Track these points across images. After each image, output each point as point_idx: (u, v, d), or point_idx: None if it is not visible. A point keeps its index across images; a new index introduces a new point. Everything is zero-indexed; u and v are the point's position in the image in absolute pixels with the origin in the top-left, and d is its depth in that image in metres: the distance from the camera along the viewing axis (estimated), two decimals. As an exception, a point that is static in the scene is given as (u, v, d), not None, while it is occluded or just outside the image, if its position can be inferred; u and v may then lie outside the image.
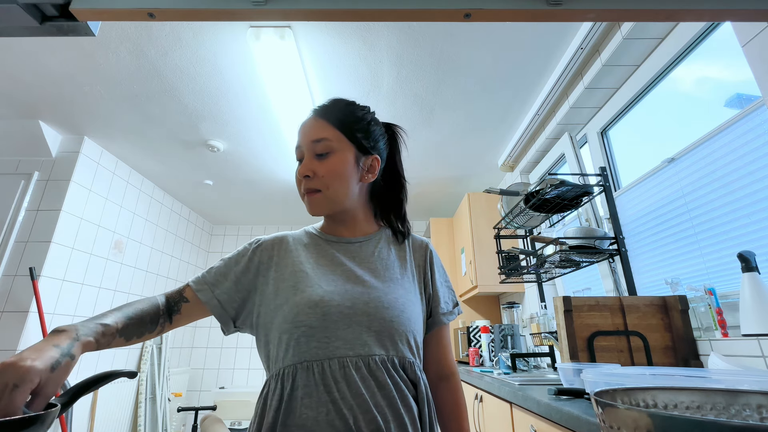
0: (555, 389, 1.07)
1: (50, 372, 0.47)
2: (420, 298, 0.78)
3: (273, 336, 0.69)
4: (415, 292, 0.77)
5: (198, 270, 4.20)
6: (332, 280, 0.72)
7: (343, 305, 0.68)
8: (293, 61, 1.85)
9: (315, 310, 0.66)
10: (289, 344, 0.66)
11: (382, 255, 0.79)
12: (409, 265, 0.80)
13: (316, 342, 0.65)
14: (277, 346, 0.68)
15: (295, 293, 0.69)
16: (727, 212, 1.28)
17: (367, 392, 0.63)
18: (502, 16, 0.58)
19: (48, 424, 0.45)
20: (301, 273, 0.72)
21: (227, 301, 0.73)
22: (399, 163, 0.90)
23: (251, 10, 0.58)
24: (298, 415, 0.62)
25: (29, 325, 2.19)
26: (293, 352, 0.66)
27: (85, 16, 0.58)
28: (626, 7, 0.58)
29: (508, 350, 2.22)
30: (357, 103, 0.81)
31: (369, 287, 0.71)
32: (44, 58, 1.90)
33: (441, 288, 0.83)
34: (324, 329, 0.66)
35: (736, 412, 0.41)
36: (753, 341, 1.07)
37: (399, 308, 0.70)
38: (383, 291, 0.72)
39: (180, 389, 3.67)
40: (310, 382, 0.64)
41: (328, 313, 0.66)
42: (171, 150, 2.77)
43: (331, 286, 0.70)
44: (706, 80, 1.43)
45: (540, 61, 1.92)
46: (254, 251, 0.78)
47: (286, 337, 0.67)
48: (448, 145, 2.72)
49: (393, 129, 0.89)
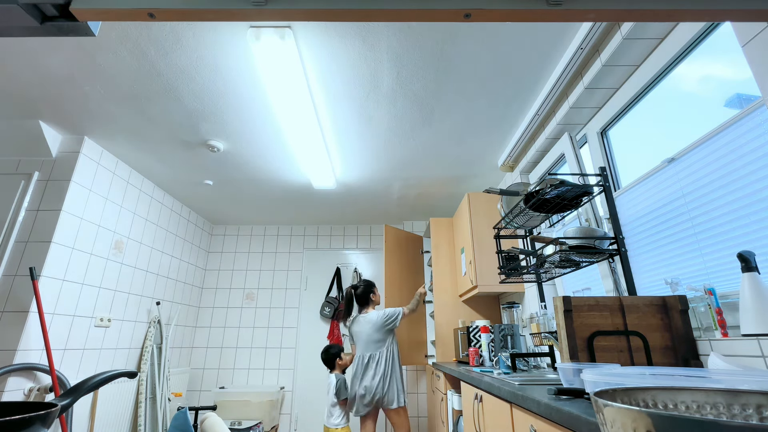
0: (555, 389, 1.07)
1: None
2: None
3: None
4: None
5: (198, 270, 4.20)
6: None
7: None
8: (293, 62, 1.85)
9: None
10: None
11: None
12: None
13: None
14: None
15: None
16: (727, 212, 1.28)
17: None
18: (502, 16, 0.58)
19: (48, 424, 0.45)
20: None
21: None
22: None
23: (251, 10, 0.58)
24: None
25: (29, 325, 2.19)
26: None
27: (85, 16, 0.58)
28: (626, 7, 0.58)
29: (508, 350, 2.22)
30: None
31: None
32: (44, 58, 1.90)
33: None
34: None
35: (737, 412, 0.41)
36: (753, 341, 1.07)
37: None
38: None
39: (180, 389, 3.67)
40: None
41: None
42: (171, 150, 2.77)
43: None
44: (708, 78, 1.43)
45: (540, 61, 1.92)
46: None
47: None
48: (448, 145, 2.72)
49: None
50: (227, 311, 4.25)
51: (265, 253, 4.48)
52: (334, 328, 4.15)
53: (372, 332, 2.81)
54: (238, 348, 4.13)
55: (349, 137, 2.61)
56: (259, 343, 4.14)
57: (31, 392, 2.17)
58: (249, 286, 4.34)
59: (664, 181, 1.55)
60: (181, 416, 2.83)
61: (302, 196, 3.65)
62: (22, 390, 2.15)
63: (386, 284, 3.55)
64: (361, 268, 4.41)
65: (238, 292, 4.32)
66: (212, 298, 4.30)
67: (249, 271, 4.40)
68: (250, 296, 4.31)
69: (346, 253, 4.48)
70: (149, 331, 3.24)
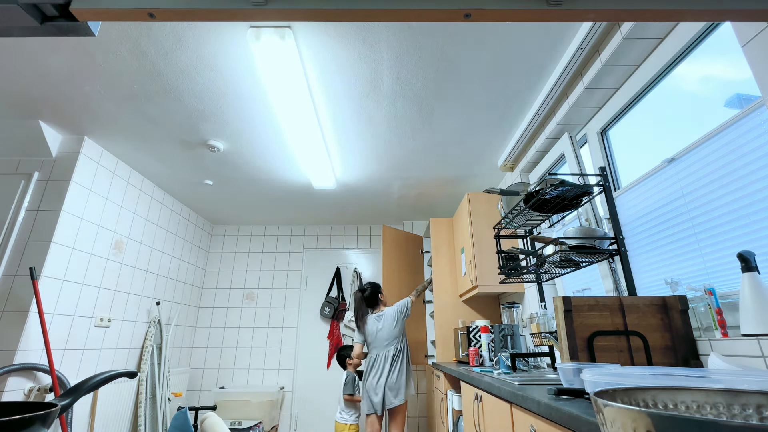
0: (555, 389, 1.07)
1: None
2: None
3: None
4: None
5: (198, 270, 4.20)
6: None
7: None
8: (293, 62, 1.85)
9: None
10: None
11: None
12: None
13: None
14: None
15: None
16: (727, 212, 1.28)
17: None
18: (502, 16, 0.58)
19: (48, 424, 0.45)
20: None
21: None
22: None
23: (251, 10, 0.58)
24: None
25: (29, 325, 2.19)
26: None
27: (85, 16, 0.58)
28: (626, 7, 0.58)
29: (508, 350, 2.22)
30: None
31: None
32: (44, 58, 1.90)
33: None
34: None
35: (737, 412, 0.41)
36: (753, 341, 1.07)
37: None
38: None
39: (180, 389, 3.67)
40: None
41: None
42: (171, 150, 2.77)
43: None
44: (708, 78, 1.43)
45: (540, 61, 1.92)
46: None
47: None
48: (448, 145, 2.72)
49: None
50: (227, 311, 4.25)
51: (265, 253, 4.48)
52: (334, 328, 4.15)
53: (392, 327, 2.85)
54: (238, 348, 4.13)
55: (349, 137, 2.61)
56: (259, 343, 4.14)
57: (31, 392, 2.17)
58: (249, 286, 4.34)
59: (664, 181, 1.55)
60: (181, 416, 2.83)
61: (302, 196, 3.65)
62: (22, 390, 2.15)
63: (384, 284, 3.56)
64: (361, 268, 4.41)
65: (238, 292, 4.32)
66: (212, 298, 4.30)
67: (249, 271, 4.40)
68: (250, 296, 4.31)
69: (346, 253, 4.48)
70: (149, 331, 3.24)
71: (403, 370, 2.77)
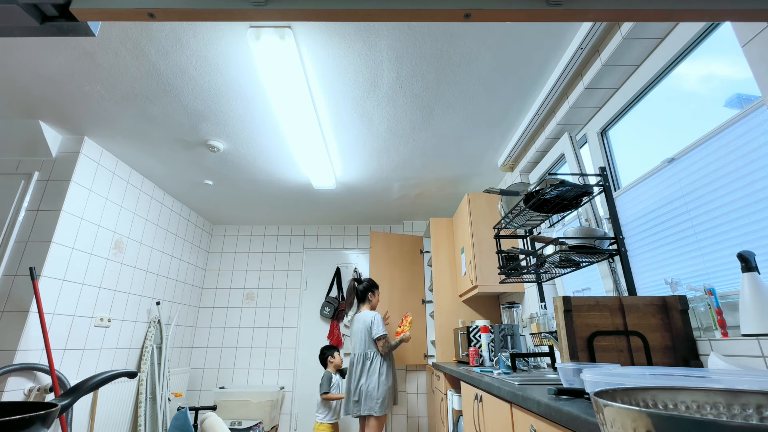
0: (555, 389, 1.07)
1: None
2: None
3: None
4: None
5: (198, 270, 4.20)
6: None
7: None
8: (293, 61, 1.85)
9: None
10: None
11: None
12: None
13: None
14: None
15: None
16: (727, 212, 1.28)
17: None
18: (502, 16, 0.58)
19: (48, 424, 0.45)
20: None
21: None
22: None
23: (251, 10, 0.58)
24: None
25: (29, 325, 2.19)
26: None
27: (85, 16, 0.58)
28: (626, 7, 0.58)
29: (508, 350, 2.22)
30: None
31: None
32: (44, 58, 1.90)
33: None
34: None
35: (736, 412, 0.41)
36: (753, 341, 1.07)
37: None
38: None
39: (180, 389, 3.67)
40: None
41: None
42: (171, 150, 2.77)
43: None
44: (708, 78, 1.43)
45: (540, 61, 1.92)
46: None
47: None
48: (448, 145, 2.72)
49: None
50: (227, 311, 4.25)
51: (265, 253, 4.47)
52: (334, 328, 4.15)
53: (360, 334, 2.87)
54: (238, 348, 4.13)
55: (349, 137, 2.61)
56: (259, 343, 4.14)
57: (31, 392, 2.17)
58: (249, 286, 4.34)
59: (664, 181, 1.55)
60: (181, 416, 2.83)
61: (302, 196, 3.65)
62: (22, 390, 2.15)
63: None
64: (361, 268, 4.41)
65: (238, 292, 4.32)
66: (212, 298, 4.30)
67: (249, 271, 4.40)
68: (250, 296, 4.31)
69: (346, 253, 4.48)
70: (149, 331, 3.24)
71: (376, 381, 2.68)
